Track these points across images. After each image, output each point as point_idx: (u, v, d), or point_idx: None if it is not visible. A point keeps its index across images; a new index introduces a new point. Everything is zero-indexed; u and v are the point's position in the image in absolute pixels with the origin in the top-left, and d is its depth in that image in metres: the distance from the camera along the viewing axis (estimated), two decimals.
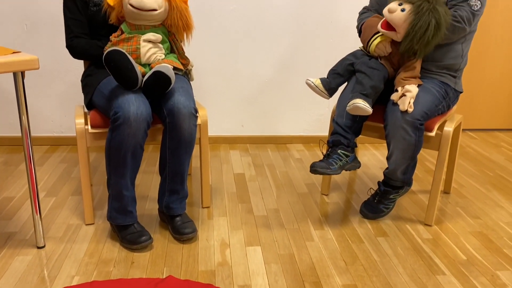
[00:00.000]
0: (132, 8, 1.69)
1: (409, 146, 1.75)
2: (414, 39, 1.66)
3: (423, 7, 1.62)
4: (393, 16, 1.67)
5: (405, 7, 1.66)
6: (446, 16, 1.66)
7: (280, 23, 2.62)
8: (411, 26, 1.64)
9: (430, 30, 1.63)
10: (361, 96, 1.76)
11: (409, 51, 1.70)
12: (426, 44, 1.67)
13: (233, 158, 2.58)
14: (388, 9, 1.68)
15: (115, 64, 1.53)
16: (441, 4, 1.66)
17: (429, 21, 1.62)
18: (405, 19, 1.65)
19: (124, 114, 1.52)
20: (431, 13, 1.62)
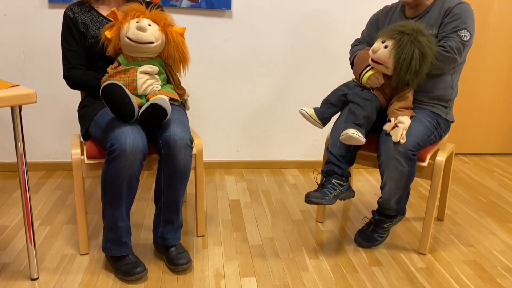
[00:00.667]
0: (129, 41, 1.72)
1: (402, 176, 1.77)
2: (401, 71, 1.70)
3: (403, 40, 1.68)
4: (377, 55, 1.73)
5: (388, 44, 1.71)
6: (430, 44, 1.71)
7: (274, 51, 2.67)
8: (396, 60, 1.69)
9: (415, 60, 1.67)
10: (354, 126, 1.78)
11: (402, 82, 1.74)
12: (415, 74, 1.71)
13: (228, 184, 2.59)
14: (372, 50, 1.74)
15: (112, 97, 1.55)
16: (422, 33, 1.71)
17: (412, 51, 1.67)
18: (389, 54, 1.71)
19: (121, 146, 1.54)
20: (412, 44, 1.67)
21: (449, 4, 1.83)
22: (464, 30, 1.77)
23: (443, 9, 1.83)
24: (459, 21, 1.78)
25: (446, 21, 1.80)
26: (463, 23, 1.77)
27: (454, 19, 1.79)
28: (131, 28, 1.72)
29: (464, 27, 1.77)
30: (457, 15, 1.78)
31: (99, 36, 1.82)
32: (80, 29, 1.84)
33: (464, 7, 1.80)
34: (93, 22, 1.86)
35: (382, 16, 2.04)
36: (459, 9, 1.79)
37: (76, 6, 1.87)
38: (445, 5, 1.84)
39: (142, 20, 1.74)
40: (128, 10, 1.76)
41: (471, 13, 1.80)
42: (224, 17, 2.57)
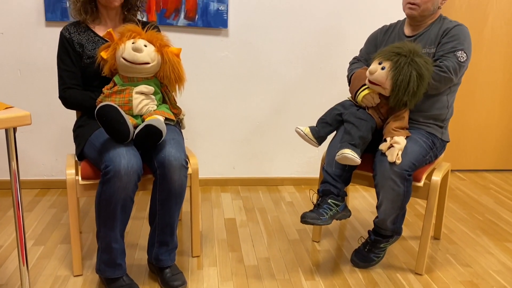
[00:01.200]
0: (125, 61, 1.73)
1: (398, 197, 1.77)
2: (399, 92, 1.71)
3: (400, 62, 1.69)
4: (375, 76, 1.73)
5: (385, 65, 1.72)
6: (427, 65, 1.72)
7: (270, 69, 2.68)
8: (394, 81, 1.70)
9: (412, 81, 1.68)
10: (350, 146, 1.78)
11: (399, 103, 1.75)
12: (413, 95, 1.72)
13: (224, 202, 2.58)
14: (369, 71, 1.75)
15: (107, 118, 1.54)
16: (419, 55, 1.73)
17: (410, 73, 1.68)
18: (386, 76, 1.71)
19: (115, 168, 1.53)
20: (409, 65, 1.69)
21: (448, 25, 1.85)
22: (461, 51, 1.78)
23: (442, 29, 1.86)
24: (456, 42, 1.80)
25: (444, 41, 1.82)
26: (460, 44, 1.79)
27: (452, 40, 1.81)
28: (127, 49, 1.72)
29: (461, 48, 1.79)
30: (455, 36, 1.81)
31: (95, 56, 1.83)
32: (76, 49, 1.84)
33: (462, 29, 1.83)
34: (89, 42, 1.86)
35: (381, 35, 2.06)
36: (457, 31, 1.82)
37: (72, 26, 1.88)
38: (444, 26, 1.87)
39: (138, 41, 1.75)
40: (124, 30, 1.77)
41: (469, 35, 1.83)
42: (220, 36, 2.59)
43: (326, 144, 2.46)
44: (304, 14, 2.61)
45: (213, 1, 2.50)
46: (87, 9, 1.86)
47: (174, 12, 2.49)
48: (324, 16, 2.63)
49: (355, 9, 2.64)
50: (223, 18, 2.53)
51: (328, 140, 2.02)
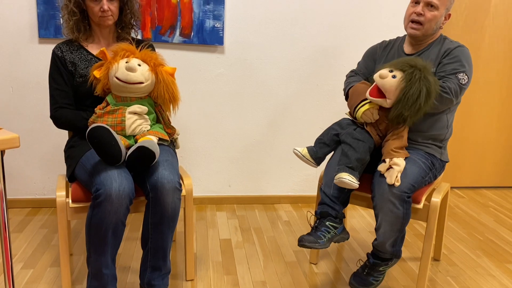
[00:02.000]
0: (118, 81, 1.69)
1: (397, 219, 1.72)
2: (405, 105, 1.66)
3: (416, 74, 1.65)
4: (384, 81, 1.69)
5: (396, 74, 1.68)
6: (435, 85, 1.69)
7: (266, 86, 2.65)
8: (403, 93, 1.66)
9: (421, 97, 1.65)
10: (347, 170, 1.75)
11: (399, 117, 1.70)
12: (417, 111, 1.68)
13: (219, 221, 2.53)
14: (379, 74, 1.70)
15: (98, 140, 1.50)
16: (430, 73, 1.70)
17: (421, 88, 1.64)
18: (396, 86, 1.67)
19: (106, 191, 1.49)
20: (422, 81, 1.65)
21: (449, 46, 1.83)
22: (463, 73, 1.76)
23: (442, 49, 1.83)
24: (458, 63, 1.77)
25: (445, 62, 1.80)
26: (462, 66, 1.77)
27: (453, 61, 1.78)
28: (120, 68, 1.69)
29: (463, 70, 1.77)
30: (456, 58, 1.79)
31: (87, 75, 1.79)
32: (68, 68, 1.81)
33: (463, 50, 1.81)
34: (82, 61, 1.83)
35: (380, 50, 2.03)
36: (459, 52, 1.80)
37: (65, 44, 1.85)
38: (444, 46, 1.84)
39: (132, 60, 1.72)
40: (117, 49, 1.74)
41: (470, 57, 1.81)
42: (216, 53, 2.56)
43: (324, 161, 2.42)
44: (301, 31, 2.60)
45: (209, 18, 2.48)
46: (80, 27, 1.83)
47: (170, 29, 2.46)
48: (321, 33, 2.62)
49: (352, 26, 2.63)
50: (219, 35, 2.51)
51: (327, 158, 1.97)
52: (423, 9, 1.81)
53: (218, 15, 2.48)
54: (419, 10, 1.82)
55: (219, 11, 2.48)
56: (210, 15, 2.48)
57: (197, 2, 2.45)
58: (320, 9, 2.58)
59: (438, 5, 1.80)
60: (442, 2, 1.81)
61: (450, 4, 1.85)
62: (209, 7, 2.46)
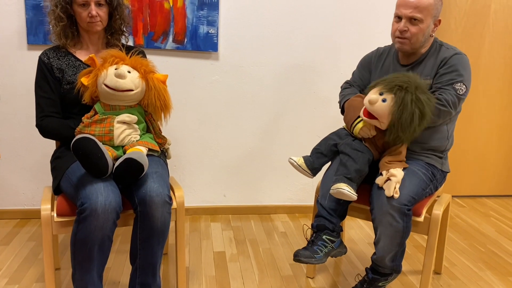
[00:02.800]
0: (107, 88, 1.63)
1: (397, 233, 1.65)
2: (400, 130, 1.60)
3: (406, 99, 1.58)
4: (375, 108, 1.62)
5: (386, 98, 1.61)
6: (429, 103, 1.61)
7: (262, 93, 2.59)
8: (396, 118, 1.59)
9: (415, 120, 1.58)
10: (345, 181, 1.68)
11: (396, 139, 1.65)
12: (412, 133, 1.62)
13: (213, 233, 2.45)
14: (368, 100, 1.63)
15: (83, 152, 1.43)
16: (423, 91, 1.62)
17: (413, 111, 1.57)
18: (388, 111, 1.60)
19: (91, 206, 1.41)
20: (414, 103, 1.58)
21: (445, 54, 1.75)
22: (460, 83, 1.69)
23: (439, 59, 1.76)
24: (455, 73, 1.70)
25: (442, 72, 1.73)
26: (459, 76, 1.70)
27: (450, 71, 1.71)
28: (109, 75, 1.63)
29: (461, 80, 1.69)
30: (453, 67, 1.71)
31: (75, 82, 1.73)
32: (55, 74, 1.74)
33: (460, 58, 1.73)
34: (70, 67, 1.76)
35: (375, 59, 1.96)
36: (456, 60, 1.72)
37: (52, 51, 1.78)
38: (441, 55, 1.76)
39: (121, 67, 1.65)
40: (107, 56, 1.68)
41: (468, 64, 1.73)
42: (210, 59, 2.50)
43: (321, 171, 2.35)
44: (297, 36, 2.54)
45: (203, 24, 2.42)
46: (67, 33, 1.77)
47: (162, 35, 2.40)
48: (317, 39, 2.56)
49: (348, 31, 2.57)
50: (213, 41, 2.45)
51: (323, 169, 1.91)
52: (406, 25, 1.72)
53: (212, 20, 2.42)
54: (402, 27, 1.73)
55: (213, 17, 2.42)
56: (204, 21, 2.41)
57: (191, 8, 2.39)
58: (317, 15, 2.52)
59: (421, 17, 1.71)
60: (426, 14, 1.71)
61: (437, 11, 1.75)
62: (203, 12, 2.40)
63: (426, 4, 1.71)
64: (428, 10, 1.71)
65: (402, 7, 1.74)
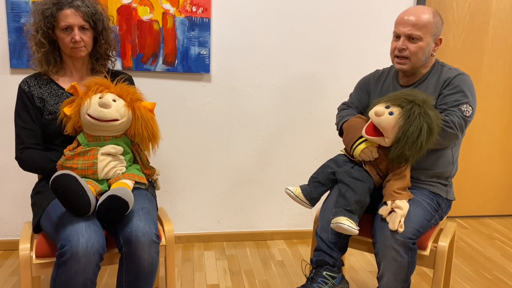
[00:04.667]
0: (91, 118, 1.53)
1: (402, 268, 1.55)
2: (406, 145, 1.50)
3: (414, 111, 1.49)
4: (381, 120, 1.53)
5: (393, 111, 1.52)
6: (437, 120, 1.53)
7: (256, 115, 2.49)
8: (402, 132, 1.50)
9: (422, 135, 1.49)
10: (345, 213, 1.58)
11: (400, 157, 1.54)
12: (419, 150, 1.52)
13: (207, 263, 2.33)
14: (375, 112, 1.54)
15: (63, 190, 1.33)
16: (431, 107, 1.54)
17: (421, 126, 1.49)
18: (394, 124, 1.51)
19: (72, 249, 1.30)
20: (422, 117, 1.49)
21: (448, 75, 1.67)
22: (466, 105, 1.60)
23: (441, 79, 1.68)
24: (460, 94, 1.62)
25: (446, 93, 1.64)
26: (465, 97, 1.61)
27: (455, 91, 1.63)
28: (93, 104, 1.53)
29: (466, 101, 1.61)
30: (457, 87, 1.63)
31: (57, 112, 1.63)
32: (36, 104, 1.64)
33: (464, 78, 1.65)
34: (52, 96, 1.66)
35: (373, 81, 1.88)
36: (460, 81, 1.64)
37: (33, 78, 1.68)
38: (443, 75, 1.68)
39: (106, 95, 1.56)
40: (90, 84, 1.58)
41: (472, 86, 1.65)
42: (202, 81, 2.41)
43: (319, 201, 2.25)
44: (291, 57, 2.45)
45: (194, 45, 2.33)
46: (49, 59, 1.67)
47: (152, 57, 2.31)
48: (312, 59, 2.47)
49: (345, 50, 2.49)
50: (205, 62, 2.36)
51: (322, 198, 1.80)
52: (405, 43, 1.65)
53: (203, 41, 2.33)
54: (400, 45, 1.66)
55: (204, 38, 2.33)
56: (195, 42, 2.33)
57: (181, 29, 2.30)
58: (311, 34, 2.44)
59: (421, 35, 1.63)
60: (425, 31, 1.64)
61: (437, 30, 1.67)
62: (194, 33, 2.31)
63: (425, 22, 1.63)
64: (427, 28, 1.64)
65: (401, 25, 1.67)
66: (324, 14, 2.43)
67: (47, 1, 1.60)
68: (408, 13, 1.66)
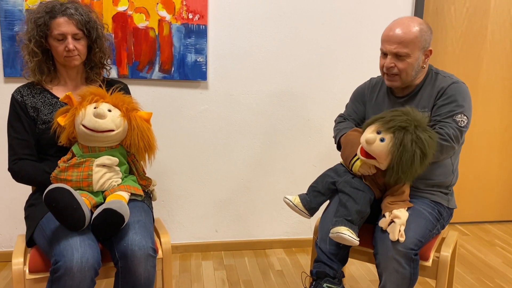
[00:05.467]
0: (85, 129, 1.50)
1: (404, 280, 1.52)
2: (401, 172, 1.48)
3: (405, 140, 1.45)
4: (373, 148, 1.50)
5: (385, 137, 1.49)
6: (431, 141, 1.49)
7: (254, 122, 2.46)
8: (396, 160, 1.47)
9: (416, 161, 1.46)
10: (346, 223, 1.55)
11: (397, 180, 1.52)
12: (414, 173, 1.49)
13: (205, 273, 2.29)
14: (366, 140, 1.51)
15: (57, 204, 1.29)
16: (424, 128, 1.49)
17: (414, 152, 1.45)
18: (386, 151, 1.48)
19: (66, 264, 1.27)
20: (415, 143, 1.45)
21: (442, 84, 1.64)
22: (460, 115, 1.57)
23: (435, 89, 1.64)
24: (454, 104, 1.58)
25: (440, 103, 1.61)
26: (459, 107, 1.58)
27: (448, 102, 1.59)
28: (88, 114, 1.50)
29: (461, 111, 1.58)
30: (451, 97, 1.59)
31: (51, 121, 1.59)
32: (29, 113, 1.61)
33: (458, 87, 1.61)
34: (45, 106, 1.63)
35: (368, 91, 1.85)
36: (454, 90, 1.60)
37: (26, 88, 1.65)
38: (437, 85, 1.65)
39: (101, 105, 1.53)
40: (85, 93, 1.55)
41: (467, 93, 1.62)
42: (199, 88, 2.38)
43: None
44: (289, 63, 2.43)
45: (191, 52, 2.30)
46: (42, 69, 1.64)
47: (148, 64, 2.28)
48: (309, 65, 2.45)
49: (342, 56, 2.47)
50: (201, 70, 2.33)
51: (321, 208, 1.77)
52: (393, 61, 1.61)
53: (200, 48, 2.31)
54: (388, 63, 1.62)
55: (201, 45, 2.30)
56: (191, 49, 2.30)
57: (178, 36, 2.27)
58: (308, 40, 2.42)
59: (408, 52, 1.58)
60: (413, 47, 1.58)
61: (426, 42, 1.62)
62: (190, 40, 2.29)
63: (411, 38, 1.58)
64: (414, 44, 1.59)
65: (386, 43, 1.62)
66: (321, 20, 2.41)
67: (39, 9, 1.57)
68: (392, 28, 1.60)
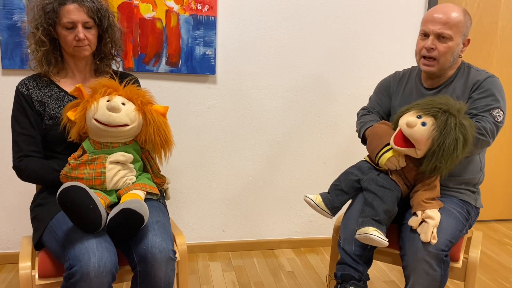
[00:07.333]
0: (98, 123, 1.40)
1: (434, 282, 1.45)
2: (440, 157, 1.41)
3: (450, 122, 1.39)
4: (413, 131, 1.43)
5: (426, 121, 1.42)
6: (472, 129, 1.44)
7: (263, 118, 2.38)
8: (438, 145, 1.40)
9: (458, 147, 1.39)
10: (373, 224, 1.47)
11: (433, 169, 1.45)
12: (452, 162, 1.43)
13: (214, 275, 2.20)
14: (406, 122, 1.44)
15: (72, 204, 1.19)
16: (465, 117, 1.45)
17: (457, 137, 1.39)
18: (428, 136, 1.41)
19: (82, 270, 1.17)
20: (458, 128, 1.40)
21: (478, 77, 1.58)
22: (497, 109, 1.52)
23: (470, 82, 1.59)
24: (491, 98, 1.53)
25: (476, 97, 1.55)
26: (496, 101, 1.53)
27: (485, 95, 1.54)
28: (101, 108, 1.40)
29: (498, 105, 1.52)
30: (488, 91, 1.54)
31: (59, 116, 1.49)
32: (35, 108, 1.50)
33: (494, 81, 1.56)
34: (52, 100, 1.52)
35: (395, 83, 1.78)
36: (490, 84, 1.55)
37: (32, 80, 1.54)
38: (471, 77, 1.59)
39: (114, 98, 1.43)
40: (97, 86, 1.45)
41: (502, 89, 1.57)
42: (207, 83, 2.28)
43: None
44: (300, 58, 2.35)
45: (199, 45, 2.21)
46: (50, 59, 1.53)
47: (155, 57, 2.18)
48: (321, 60, 2.38)
49: (355, 52, 2.40)
50: (210, 63, 2.24)
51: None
52: (434, 43, 1.55)
53: (209, 41, 2.21)
54: (429, 44, 1.56)
55: (210, 37, 2.21)
56: (200, 42, 2.21)
57: (186, 27, 2.18)
58: (321, 34, 2.35)
59: (451, 34, 1.54)
60: (456, 30, 1.54)
61: (467, 30, 1.59)
62: (199, 32, 2.19)
63: (456, 21, 1.54)
64: (458, 27, 1.55)
65: (430, 23, 1.56)
66: (334, 13, 2.34)
67: None
68: (438, 10, 1.56)
